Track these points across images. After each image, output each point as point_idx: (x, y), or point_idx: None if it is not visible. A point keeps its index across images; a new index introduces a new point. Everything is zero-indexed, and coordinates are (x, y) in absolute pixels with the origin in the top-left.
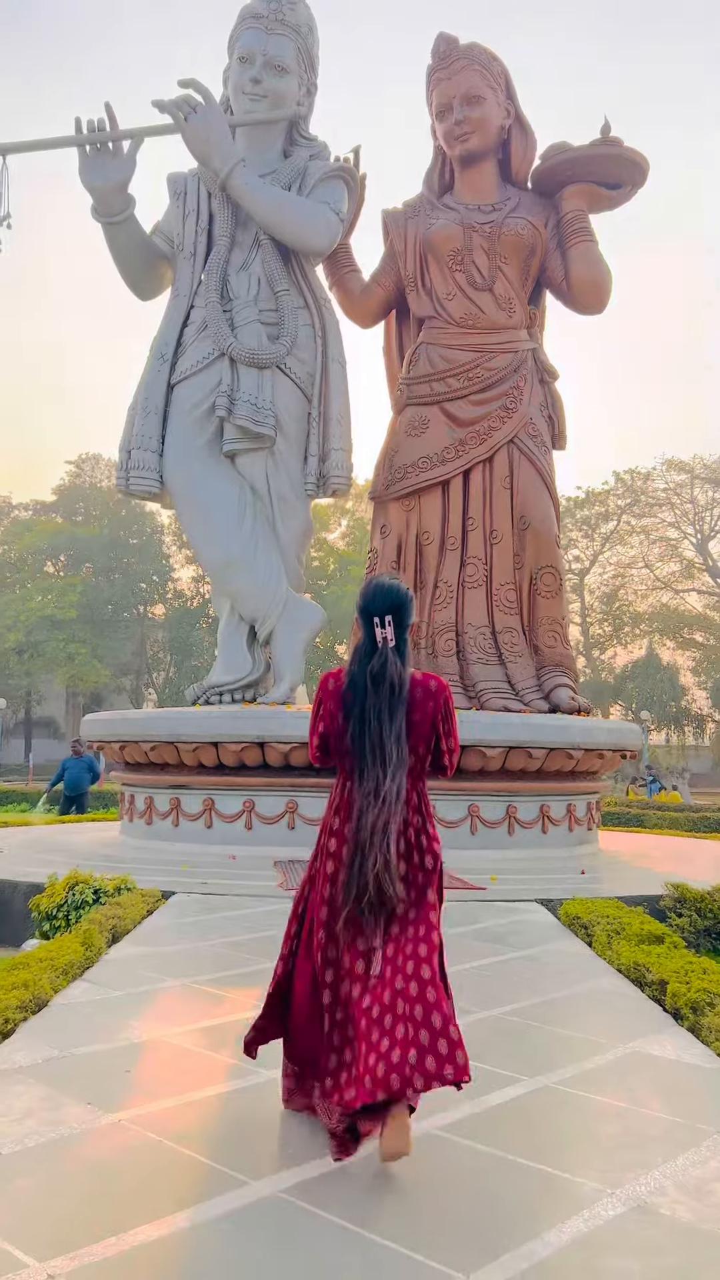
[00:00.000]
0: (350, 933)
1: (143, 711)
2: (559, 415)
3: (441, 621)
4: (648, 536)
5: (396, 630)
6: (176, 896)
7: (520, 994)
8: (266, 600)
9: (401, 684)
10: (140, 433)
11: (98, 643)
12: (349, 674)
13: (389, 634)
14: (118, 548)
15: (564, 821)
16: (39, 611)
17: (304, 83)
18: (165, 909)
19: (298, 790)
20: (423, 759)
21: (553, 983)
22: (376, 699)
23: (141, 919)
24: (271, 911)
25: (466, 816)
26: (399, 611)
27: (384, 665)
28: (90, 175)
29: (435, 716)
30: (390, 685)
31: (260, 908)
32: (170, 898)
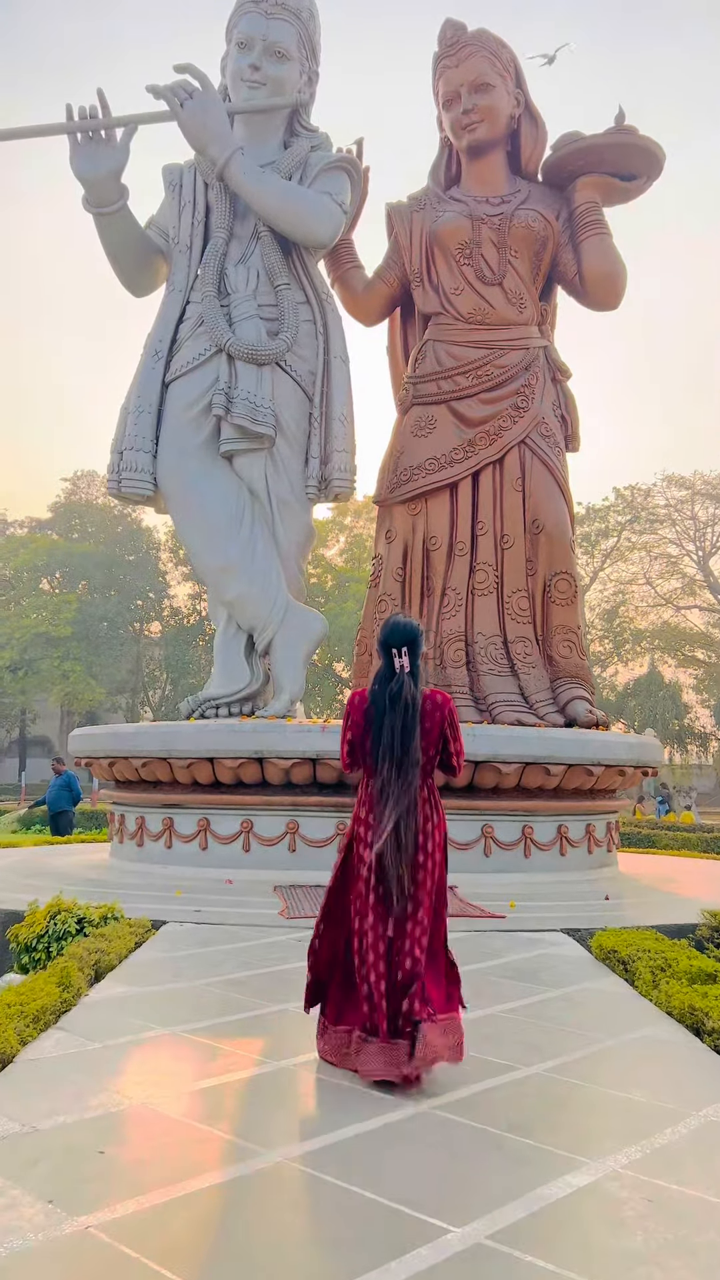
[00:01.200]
0: (382, 897)
1: (133, 725)
2: (572, 415)
3: (450, 631)
4: (649, 553)
5: (410, 659)
6: (168, 926)
7: (563, 1044)
8: (265, 608)
9: (415, 702)
10: (133, 432)
11: (93, 660)
12: (371, 694)
13: (405, 662)
14: (114, 564)
15: (583, 843)
16: (33, 629)
17: (305, 70)
18: (155, 941)
19: (299, 810)
20: (432, 759)
21: (597, 1030)
22: (394, 715)
23: (128, 953)
24: (273, 944)
25: (480, 838)
26: (413, 644)
27: (400, 688)
28: (81, 164)
29: (443, 724)
30: (405, 704)
31: (260, 939)
32: (161, 928)
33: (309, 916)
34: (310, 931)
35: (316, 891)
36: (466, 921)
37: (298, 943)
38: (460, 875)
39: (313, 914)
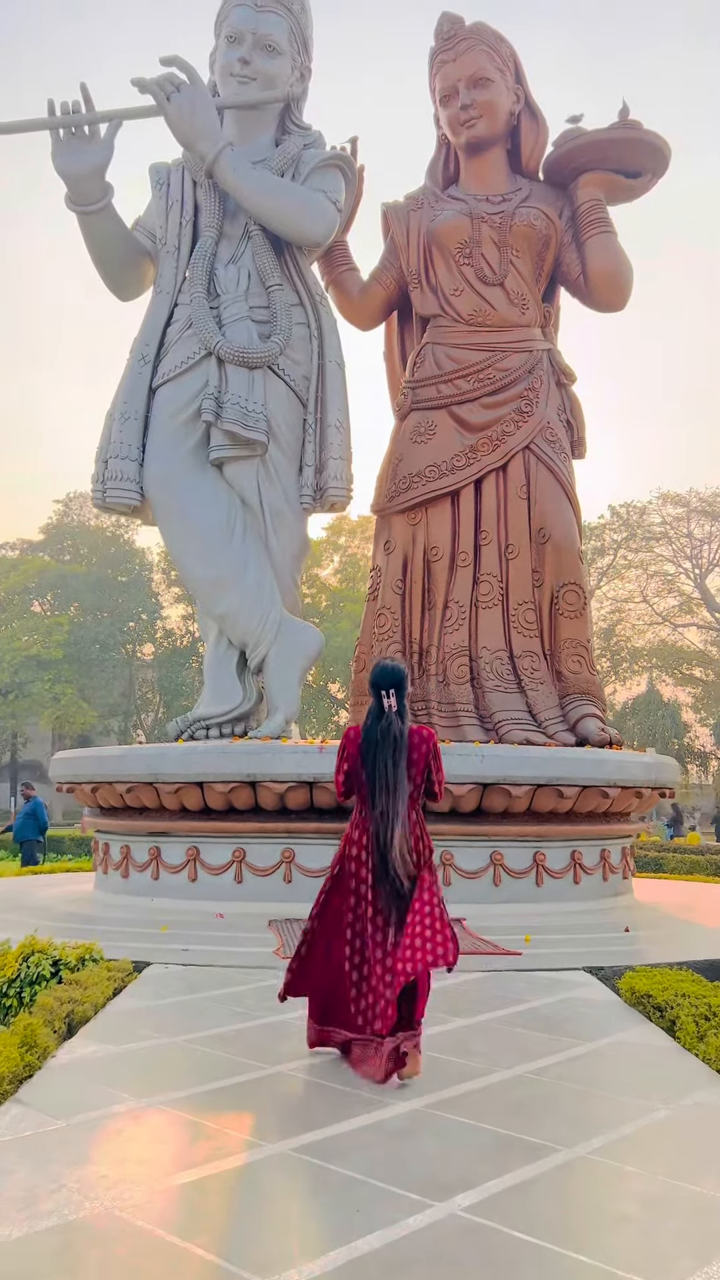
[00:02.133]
0: (374, 910)
1: (117, 748)
2: (578, 420)
3: (454, 645)
4: (645, 571)
5: (398, 698)
6: (151, 969)
7: (606, 1115)
8: (258, 623)
9: (402, 736)
10: (118, 440)
11: (84, 683)
12: (364, 729)
13: (393, 702)
14: (105, 586)
15: (597, 870)
16: (24, 651)
17: (297, 65)
18: (137, 986)
19: (295, 837)
20: (419, 787)
21: (644, 1095)
22: (384, 747)
23: (106, 1002)
24: (266, 989)
25: (489, 865)
26: (399, 685)
27: (389, 725)
28: (64, 160)
29: (427, 756)
30: (393, 739)
31: (252, 982)
32: (144, 970)
33: None
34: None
35: None
36: (480, 960)
37: None
38: (468, 906)
39: None
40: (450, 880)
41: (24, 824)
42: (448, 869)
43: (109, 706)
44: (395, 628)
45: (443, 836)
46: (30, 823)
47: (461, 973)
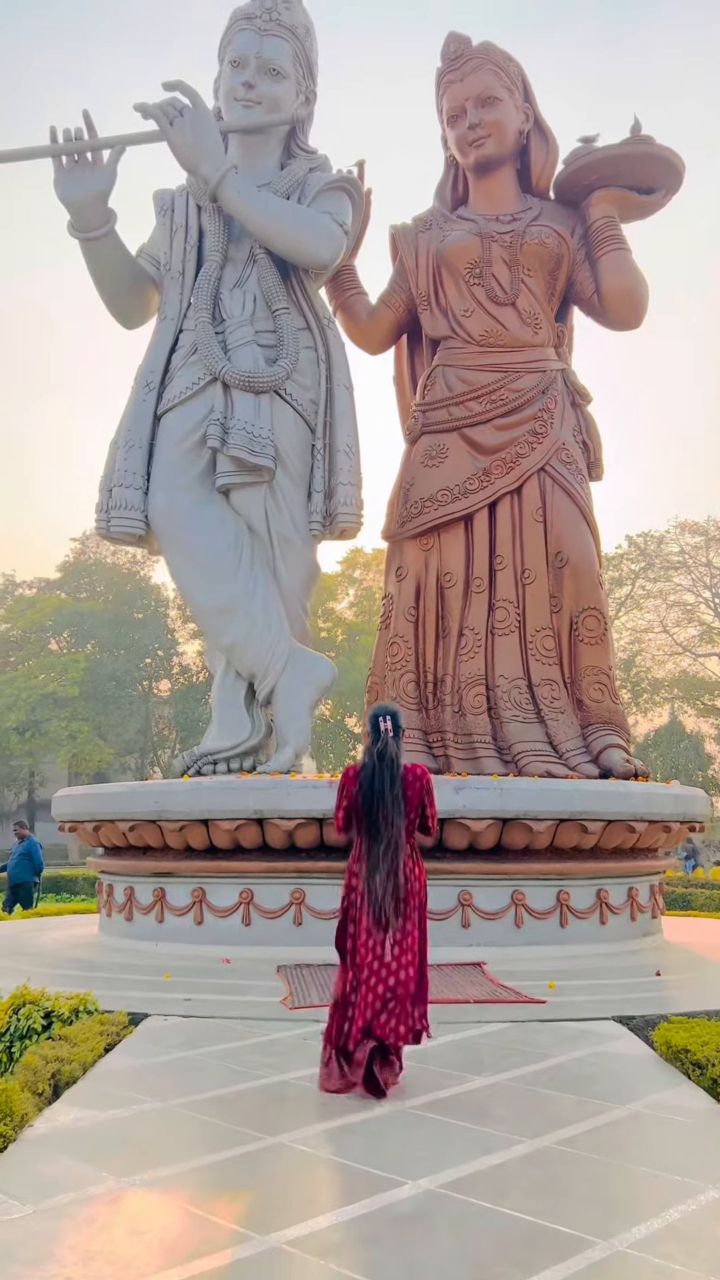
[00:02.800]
0: (369, 933)
1: (120, 785)
2: (594, 441)
3: (469, 674)
4: (664, 600)
5: (393, 724)
6: (149, 1022)
7: (645, 1197)
8: (266, 653)
9: (397, 756)
10: (123, 468)
11: (101, 720)
12: (362, 763)
13: (388, 725)
14: (122, 623)
15: (625, 909)
16: (41, 689)
17: (302, 89)
18: (131, 1041)
19: (305, 877)
20: (413, 822)
21: (691, 1171)
22: (380, 768)
23: (96, 1060)
24: (272, 1044)
25: (510, 905)
26: (394, 718)
27: (385, 744)
28: (66, 188)
29: (420, 793)
30: (389, 758)
31: (256, 1036)
32: (141, 1023)
33: (316, 1006)
34: (319, 1024)
35: (325, 972)
36: (501, 1009)
37: (302, 1041)
38: (488, 950)
39: (320, 1003)
40: (469, 921)
41: (19, 865)
42: (466, 909)
43: (125, 744)
44: (408, 657)
45: (461, 875)
46: (25, 863)
47: (482, 1023)
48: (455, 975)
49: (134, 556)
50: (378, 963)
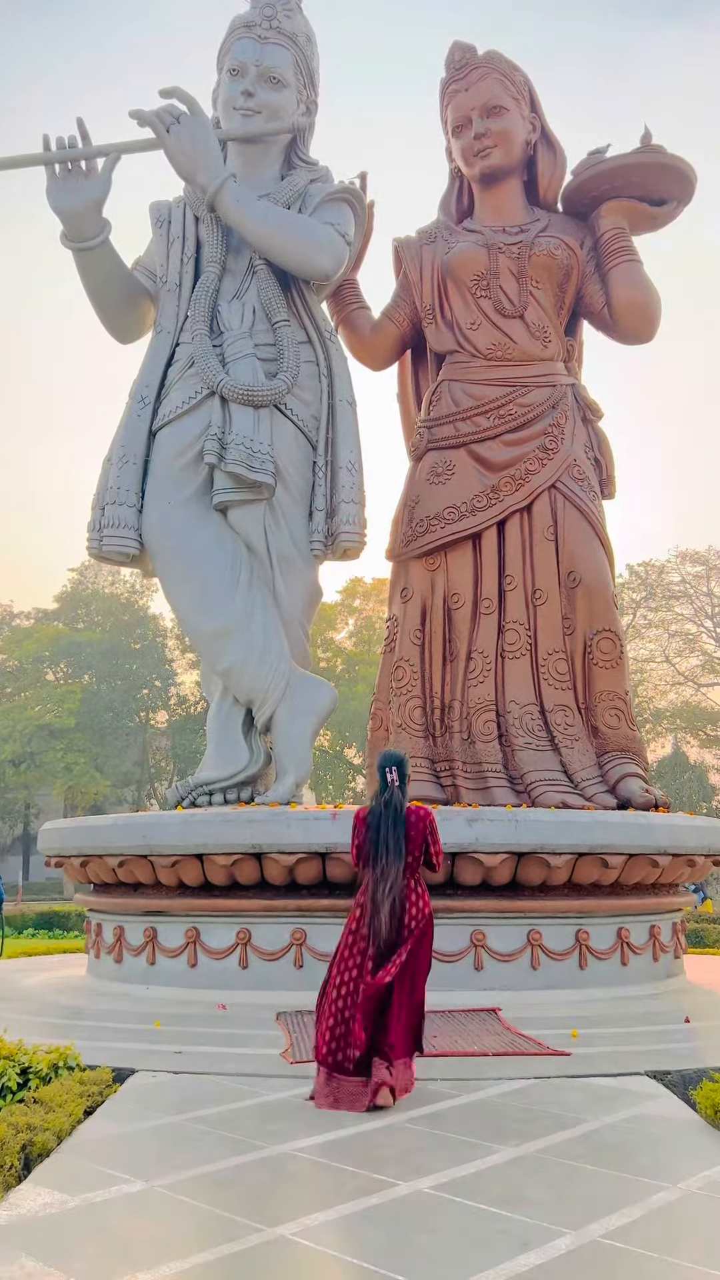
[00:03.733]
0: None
1: (108, 817)
2: (606, 458)
3: (478, 700)
4: (666, 630)
5: (399, 774)
6: (136, 1079)
7: None
8: (265, 678)
9: (401, 807)
10: (115, 485)
11: (97, 752)
12: (371, 807)
13: (394, 777)
14: (119, 653)
15: (646, 949)
16: (37, 721)
17: (303, 98)
18: (115, 1103)
19: (306, 916)
20: (417, 859)
21: None
22: (386, 815)
23: (74, 1126)
24: (271, 1106)
25: (525, 946)
26: (400, 766)
27: (391, 795)
28: (59, 197)
29: (424, 833)
30: (394, 808)
31: (254, 1096)
32: (127, 1080)
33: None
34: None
35: None
36: (523, 1063)
37: (304, 1104)
38: (503, 994)
39: None
40: (483, 963)
41: None
42: (479, 950)
43: (122, 776)
44: (414, 681)
45: (474, 914)
46: None
47: (502, 1079)
48: (469, 1022)
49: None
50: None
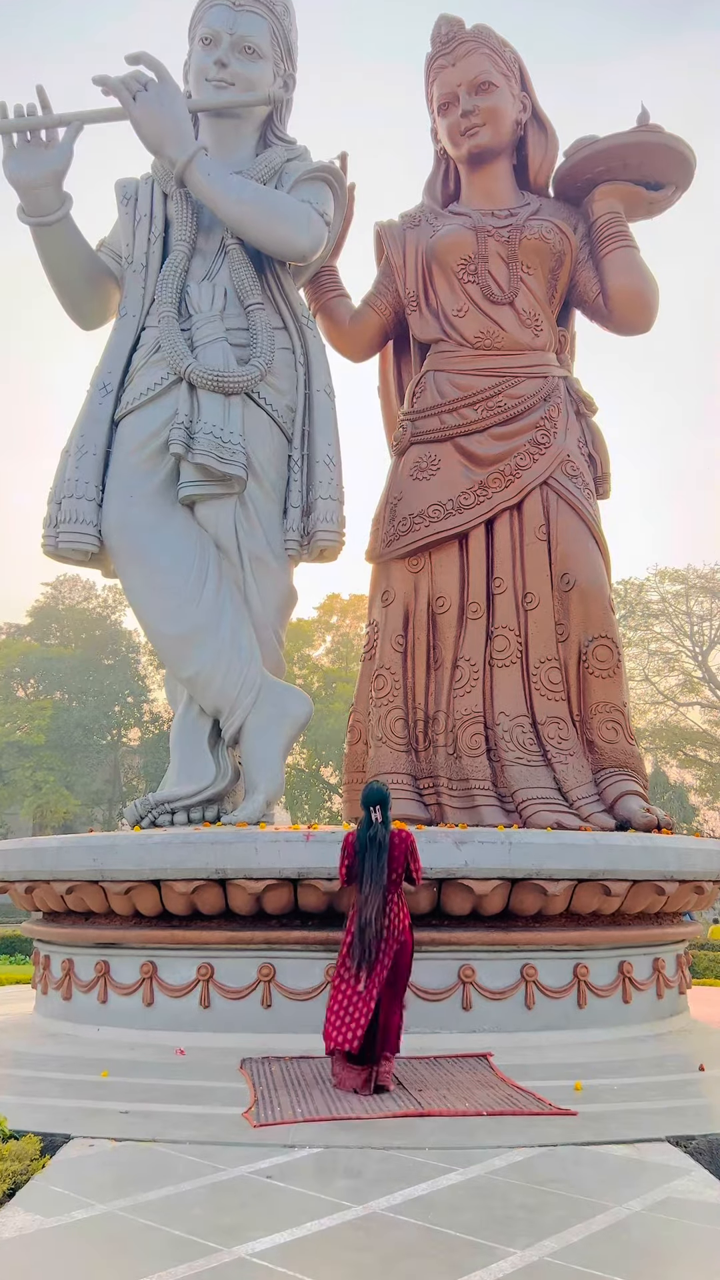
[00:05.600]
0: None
1: (56, 838)
2: (601, 454)
3: (465, 711)
4: (645, 649)
5: (382, 812)
6: (69, 1149)
7: None
8: (234, 685)
9: (384, 843)
10: (73, 478)
11: (68, 770)
12: (357, 835)
13: (378, 815)
14: (91, 669)
15: (650, 984)
16: (6, 738)
17: (280, 72)
18: (42, 1182)
19: (275, 949)
20: (400, 877)
21: None
22: (371, 849)
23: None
24: (231, 1185)
25: (519, 982)
26: (384, 802)
27: (375, 833)
28: (16, 168)
29: (404, 855)
30: (378, 844)
31: (211, 1171)
32: (59, 1150)
33: (289, 1123)
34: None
35: (300, 1067)
36: (524, 1126)
37: (266, 1183)
38: (495, 1036)
39: (295, 1118)
40: (471, 1003)
41: None
42: (468, 988)
43: (93, 795)
44: (396, 690)
45: (462, 946)
46: None
47: (501, 1148)
48: (458, 1072)
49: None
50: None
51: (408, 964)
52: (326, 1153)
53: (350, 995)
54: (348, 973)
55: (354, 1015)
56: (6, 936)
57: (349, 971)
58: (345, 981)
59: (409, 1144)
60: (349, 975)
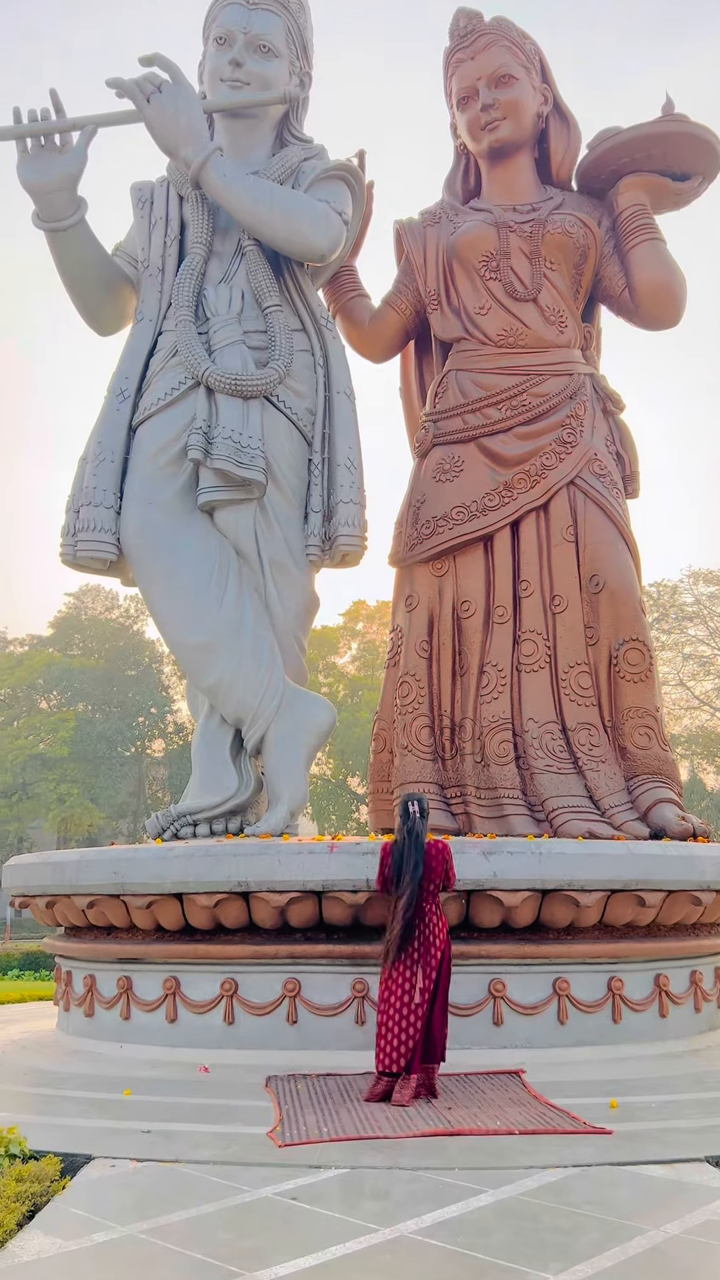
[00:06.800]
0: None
1: (76, 852)
2: (630, 453)
3: (493, 717)
4: (679, 653)
5: (420, 808)
6: (90, 1170)
7: None
8: (256, 694)
9: (422, 833)
10: (91, 485)
11: (92, 782)
12: (397, 839)
13: (416, 810)
14: (114, 680)
15: (687, 998)
16: (29, 750)
17: (296, 70)
18: (60, 1207)
19: (300, 963)
20: (438, 886)
21: None
22: (409, 842)
23: (6, 1240)
24: (255, 1207)
25: (551, 996)
26: (422, 803)
27: (414, 824)
28: (30, 172)
29: (442, 866)
30: (415, 835)
31: (235, 1193)
32: (80, 1171)
33: (314, 1142)
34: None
35: (326, 1084)
36: (557, 1145)
37: (292, 1204)
38: (526, 1052)
39: (321, 1137)
40: (502, 1017)
41: None
42: (498, 1002)
43: (117, 807)
44: (421, 698)
45: (492, 960)
46: None
47: (534, 1169)
48: (489, 1089)
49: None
50: (399, 1002)
51: (448, 972)
52: (353, 1173)
53: (402, 1009)
54: (395, 984)
55: (407, 1030)
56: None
57: (396, 984)
58: (394, 994)
59: (438, 1164)
60: (398, 988)
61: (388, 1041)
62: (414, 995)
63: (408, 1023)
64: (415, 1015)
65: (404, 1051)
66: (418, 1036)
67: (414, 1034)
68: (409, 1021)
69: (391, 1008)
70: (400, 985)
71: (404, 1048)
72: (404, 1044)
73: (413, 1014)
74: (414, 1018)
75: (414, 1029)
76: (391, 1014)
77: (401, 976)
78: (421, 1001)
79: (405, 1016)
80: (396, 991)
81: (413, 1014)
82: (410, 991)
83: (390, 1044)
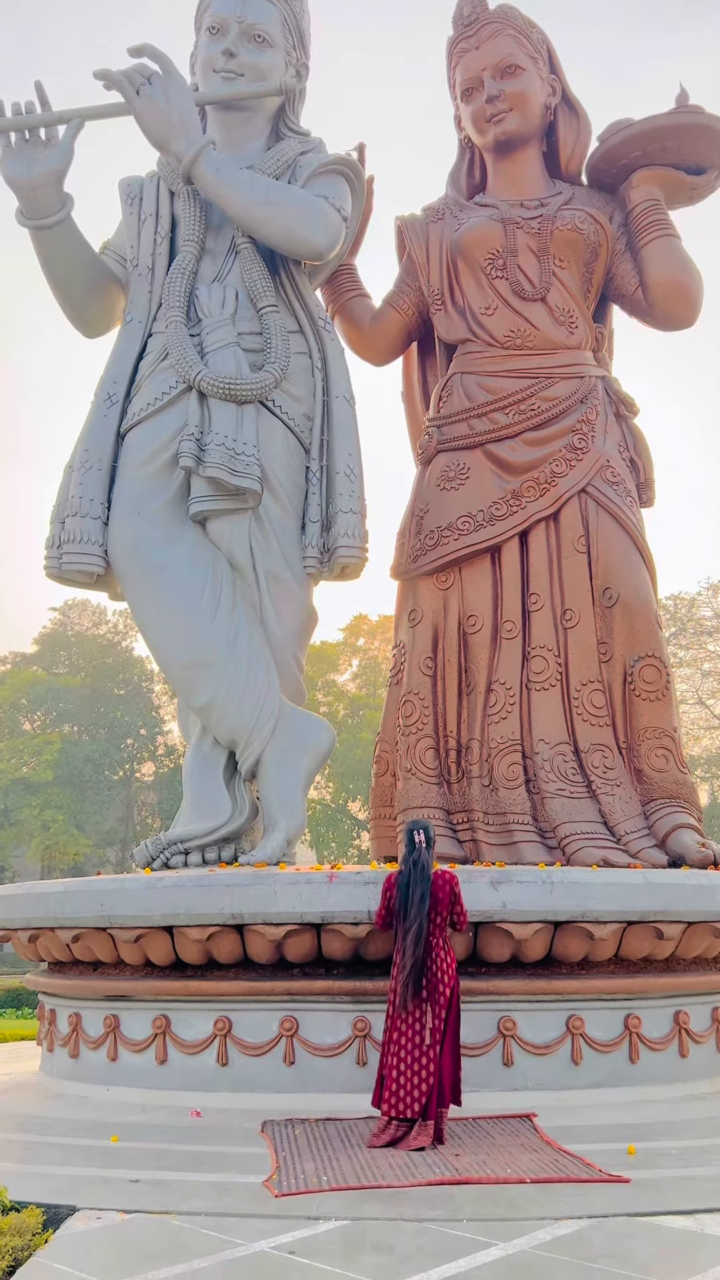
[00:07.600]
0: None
1: (59, 882)
2: (644, 459)
3: (501, 738)
4: (698, 670)
5: (425, 837)
6: (73, 1223)
7: None
8: (250, 714)
9: (427, 865)
10: (77, 495)
11: (77, 808)
12: (401, 871)
13: (422, 839)
14: (101, 699)
15: (709, 1036)
16: (11, 774)
17: (292, 61)
18: (43, 1260)
19: (298, 1001)
20: (445, 919)
21: None
22: (414, 873)
23: None
24: (251, 1262)
25: (564, 1035)
26: (427, 831)
27: (419, 854)
28: (14, 168)
29: (448, 897)
30: (421, 866)
31: (229, 1247)
32: (62, 1225)
33: (316, 1191)
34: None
35: (325, 1129)
36: (572, 1195)
37: (289, 1260)
38: (538, 1095)
39: (321, 1186)
40: (512, 1058)
41: None
42: (508, 1041)
43: (105, 834)
44: (426, 717)
45: (501, 996)
46: None
47: (546, 1220)
48: (499, 1134)
49: (115, 626)
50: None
51: (457, 1011)
52: (354, 1225)
53: (413, 1051)
54: (404, 1024)
55: (419, 1074)
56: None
57: (405, 1024)
58: (403, 1034)
59: (444, 1215)
60: (407, 1029)
61: (400, 1085)
62: (424, 1036)
63: (420, 1065)
64: (427, 1057)
65: (418, 1095)
66: (432, 1079)
67: (427, 1076)
68: (420, 1064)
69: (402, 1049)
70: (410, 1025)
71: (417, 1091)
72: (417, 1087)
73: (424, 1055)
74: (426, 1059)
75: (427, 1071)
76: (403, 1055)
77: (411, 1016)
78: (433, 1043)
79: (417, 1059)
80: (406, 1032)
81: (424, 1055)
82: (420, 1032)
83: (403, 1088)
